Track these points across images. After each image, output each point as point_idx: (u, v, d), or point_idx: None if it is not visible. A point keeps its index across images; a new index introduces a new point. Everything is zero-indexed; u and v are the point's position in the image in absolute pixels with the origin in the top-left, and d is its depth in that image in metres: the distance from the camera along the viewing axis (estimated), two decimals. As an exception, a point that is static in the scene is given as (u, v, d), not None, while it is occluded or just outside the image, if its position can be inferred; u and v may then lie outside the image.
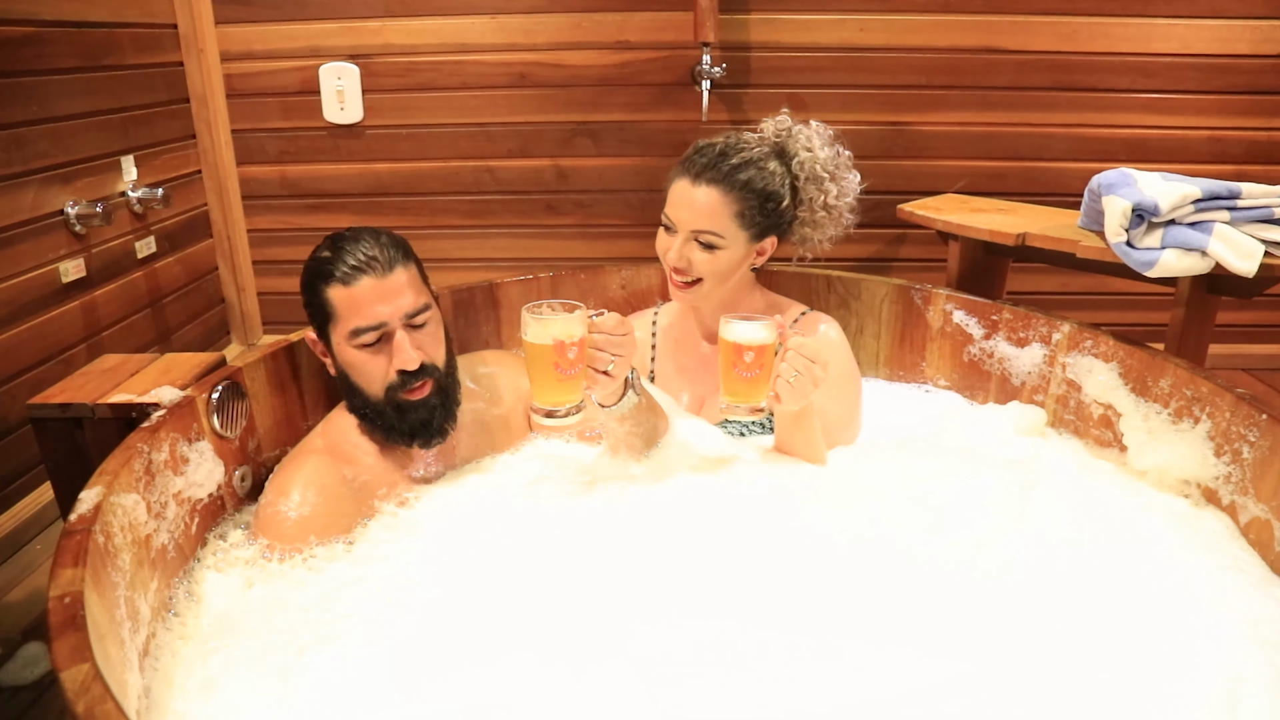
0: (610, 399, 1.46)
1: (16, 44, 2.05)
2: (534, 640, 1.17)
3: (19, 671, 1.59)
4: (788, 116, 1.76)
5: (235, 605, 1.29)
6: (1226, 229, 1.65)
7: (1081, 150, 2.81)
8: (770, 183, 1.64)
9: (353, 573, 1.35)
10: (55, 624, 0.93)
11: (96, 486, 1.19)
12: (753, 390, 1.47)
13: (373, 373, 1.45)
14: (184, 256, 2.78)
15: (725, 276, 1.66)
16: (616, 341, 1.38)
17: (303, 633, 1.20)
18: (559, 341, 1.33)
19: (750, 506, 1.44)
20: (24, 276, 2.06)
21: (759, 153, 1.65)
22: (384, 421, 1.49)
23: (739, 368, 1.45)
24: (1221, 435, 1.49)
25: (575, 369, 1.35)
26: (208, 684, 1.12)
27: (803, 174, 1.69)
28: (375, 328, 1.43)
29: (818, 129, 1.73)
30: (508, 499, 1.50)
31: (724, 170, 1.61)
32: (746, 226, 1.63)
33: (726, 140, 1.67)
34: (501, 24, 2.76)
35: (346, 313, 1.43)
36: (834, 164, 1.71)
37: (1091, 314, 2.29)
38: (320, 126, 2.87)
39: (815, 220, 1.73)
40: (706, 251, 1.63)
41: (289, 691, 1.09)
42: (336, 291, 1.43)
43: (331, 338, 1.47)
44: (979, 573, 1.30)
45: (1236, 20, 2.67)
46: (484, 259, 2.99)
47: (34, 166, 2.09)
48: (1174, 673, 1.11)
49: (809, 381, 1.44)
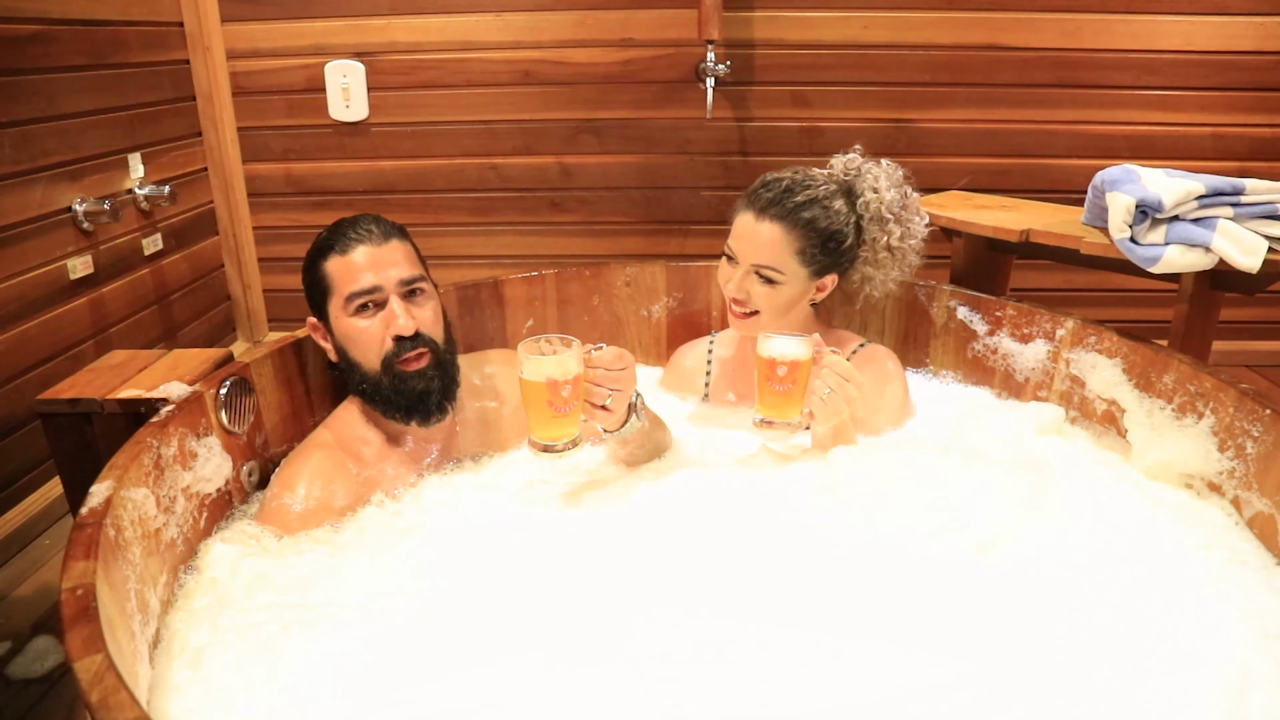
0: (613, 425, 1.47)
1: (25, 42, 2.06)
2: (531, 637, 1.17)
3: (29, 665, 1.61)
4: (858, 155, 1.75)
5: (230, 586, 1.30)
6: (1230, 225, 1.65)
7: (1085, 147, 2.81)
8: (834, 222, 1.64)
9: (335, 563, 1.35)
10: (68, 615, 0.94)
11: (107, 480, 1.20)
12: (786, 404, 1.51)
13: (368, 342, 1.47)
14: (190, 254, 2.79)
15: (783, 310, 1.68)
16: (614, 377, 1.39)
17: (287, 614, 1.21)
18: (552, 380, 1.34)
19: (750, 505, 1.45)
20: (32, 273, 2.08)
21: (824, 191, 1.65)
22: (381, 396, 1.49)
23: (773, 381, 1.50)
24: (1225, 430, 1.49)
25: (569, 406, 1.37)
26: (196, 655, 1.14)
27: (867, 214, 1.69)
28: (369, 291, 1.45)
29: (887, 168, 1.73)
30: (507, 496, 1.51)
31: (788, 207, 1.62)
32: (807, 264, 1.64)
33: (794, 176, 1.67)
34: (506, 22, 2.76)
35: (341, 281, 1.46)
36: (899, 205, 1.70)
37: (1095, 310, 2.29)
38: (325, 124, 2.88)
39: (877, 260, 1.72)
40: (766, 285, 1.64)
41: (275, 669, 1.11)
42: (333, 262, 1.47)
43: (329, 313, 1.49)
44: (981, 570, 1.29)
45: (1240, 17, 2.67)
46: (488, 256, 3.00)
47: (42, 164, 2.10)
48: (1180, 668, 1.11)
49: (842, 399, 1.48)
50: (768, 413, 1.53)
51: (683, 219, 2.98)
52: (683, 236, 3.00)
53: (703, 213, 2.96)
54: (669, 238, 3.00)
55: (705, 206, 2.96)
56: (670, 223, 2.99)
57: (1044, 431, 1.70)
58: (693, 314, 2.15)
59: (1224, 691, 1.07)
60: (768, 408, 1.53)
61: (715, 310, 2.14)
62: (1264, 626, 1.18)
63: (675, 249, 3.00)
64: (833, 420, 1.51)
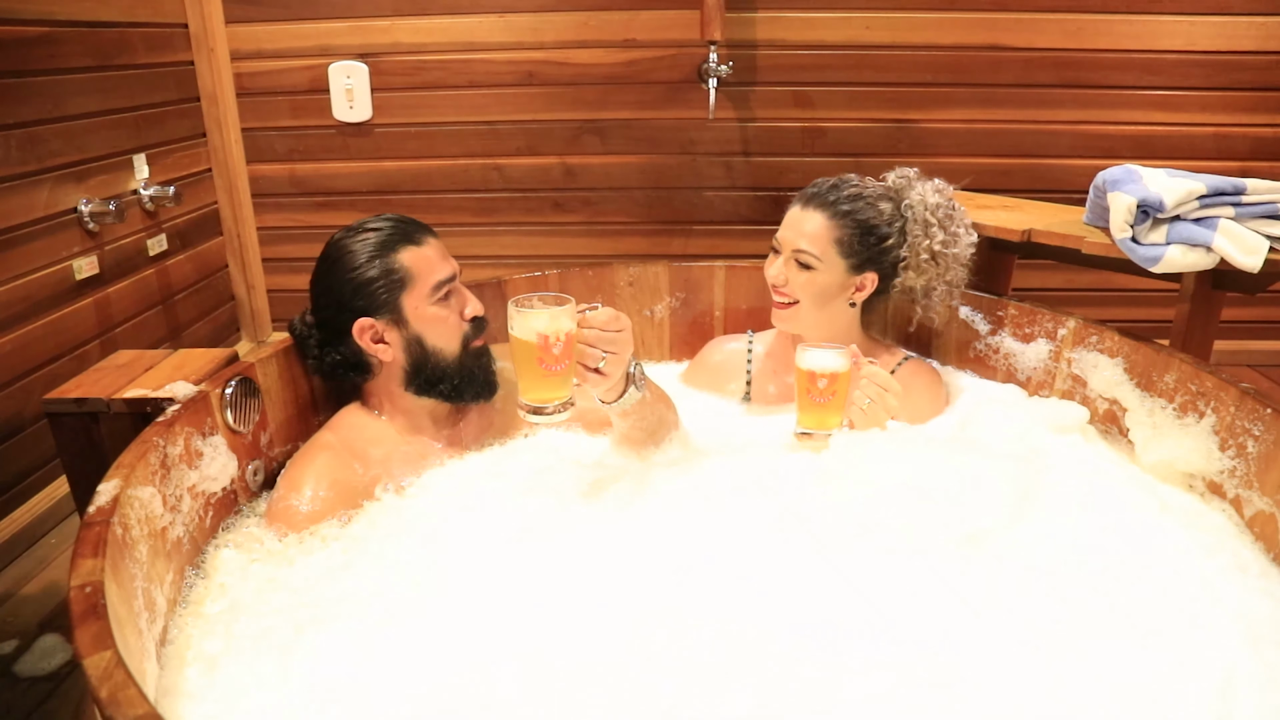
0: (610, 395, 1.42)
1: (31, 43, 2.07)
2: (530, 635, 1.17)
3: (36, 663, 1.62)
4: (911, 170, 1.80)
5: (240, 588, 1.31)
6: (1231, 225, 1.65)
7: (1086, 147, 2.82)
8: (875, 217, 1.70)
9: (345, 559, 1.36)
10: (77, 612, 0.95)
11: (114, 479, 1.20)
12: (825, 415, 1.54)
13: (453, 325, 1.55)
14: (195, 254, 2.80)
15: (821, 301, 1.70)
16: (609, 338, 1.34)
17: (300, 613, 1.22)
18: (542, 336, 1.29)
19: (750, 504, 1.44)
20: (39, 274, 2.09)
21: (872, 191, 1.72)
22: (460, 379, 1.55)
23: (812, 394, 1.53)
24: (1226, 430, 1.50)
25: (561, 365, 1.31)
26: (211, 662, 1.15)
27: (910, 215, 1.73)
28: (450, 278, 1.54)
29: (937, 184, 1.77)
30: (514, 484, 1.51)
31: (831, 199, 1.70)
32: (846, 255, 1.69)
33: (845, 176, 1.74)
34: (509, 23, 2.77)
35: (425, 270, 1.51)
36: (943, 213, 1.74)
37: (1096, 310, 2.29)
38: (329, 125, 2.89)
39: (919, 265, 1.73)
40: (804, 271, 1.69)
41: (290, 670, 1.11)
42: (409, 253, 1.51)
43: (405, 305, 1.51)
44: (977, 568, 1.29)
45: (1241, 17, 2.68)
46: (492, 256, 3.01)
47: (48, 165, 2.11)
48: (1171, 669, 1.11)
49: (882, 409, 1.53)
50: (809, 424, 1.56)
51: (685, 219, 2.99)
52: (685, 237, 3.00)
53: (705, 213, 2.97)
54: (671, 238, 3.01)
55: (708, 207, 2.96)
56: (673, 223, 3.00)
57: (1063, 430, 1.68)
58: (695, 314, 2.16)
59: (1213, 692, 1.07)
60: (809, 419, 1.56)
61: (718, 310, 2.15)
62: (1253, 630, 1.17)
63: (678, 249, 3.01)
64: (872, 429, 1.55)
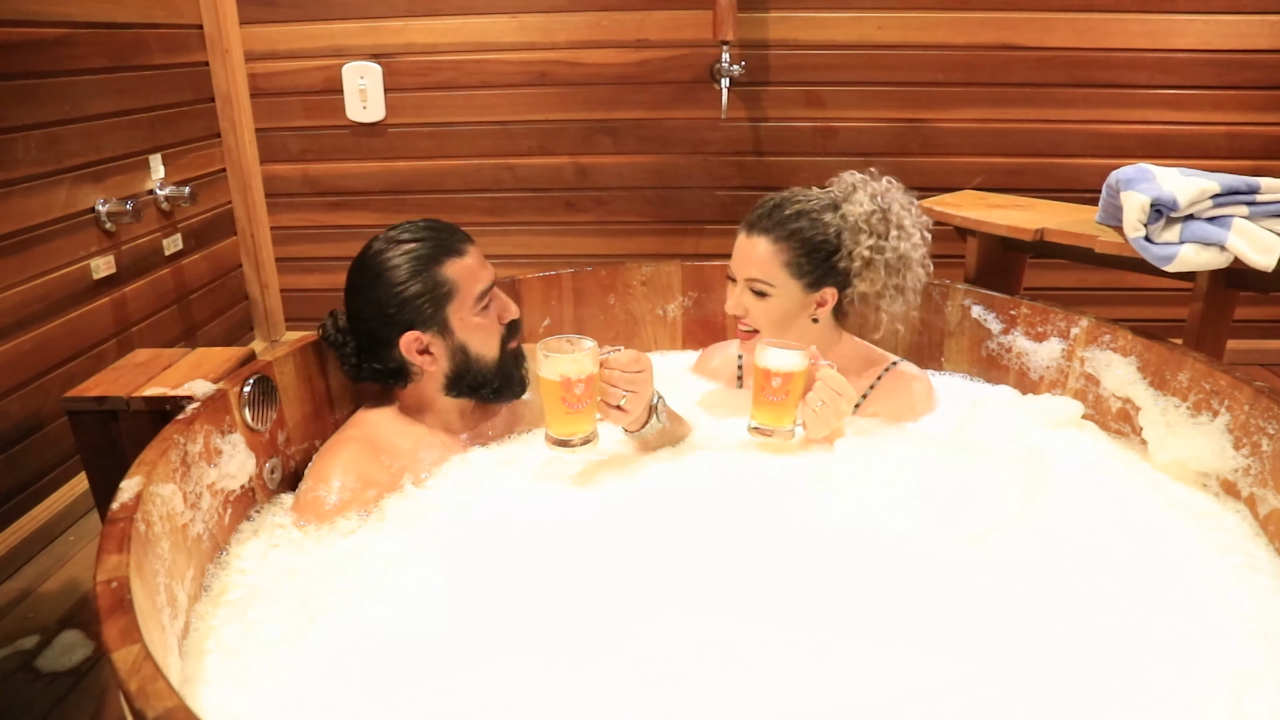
0: (633, 426, 1.51)
1: (49, 45, 2.09)
2: (529, 634, 1.17)
3: (56, 658, 1.64)
4: (857, 173, 1.73)
5: (259, 574, 1.33)
6: (1245, 223, 1.65)
7: (1099, 146, 2.81)
8: (821, 233, 1.65)
9: (363, 547, 1.37)
10: (104, 607, 0.96)
11: (136, 476, 1.22)
12: (778, 414, 1.55)
13: (494, 331, 1.56)
14: (209, 254, 2.82)
15: (781, 325, 1.68)
16: (629, 379, 1.43)
17: (312, 603, 1.23)
18: (565, 378, 1.39)
19: (750, 504, 1.46)
20: (57, 273, 2.11)
21: (815, 205, 1.67)
22: (500, 382, 1.58)
23: (767, 391, 1.53)
24: (1240, 428, 1.50)
25: (584, 404, 1.42)
26: (230, 649, 1.17)
27: (845, 225, 1.67)
28: (491, 285, 1.55)
29: (883, 185, 1.70)
30: (527, 473, 1.54)
31: (775, 220, 1.65)
32: (798, 276, 1.65)
33: (785, 194, 1.70)
34: (522, 23, 2.78)
35: (469, 281, 1.52)
36: (877, 218, 1.66)
37: (1109, 309, 2.29)
38: (343, 125, 2.90)
39: (860, 273, 1.67)
40: (759, 299, 1.66)
41: (305, 657, 1.13)
42: (454, 266, 1.51)
43: (451, 317, 1.52)
44: (981, 568, 1.29)
45: (1255, 15, 2.67)
46: (504, 255, 3.02)
47: (66, 165, 2.13)
48: (1182, 669, 1.10)
49: (833, 412, 1.52)
50: (762, 421, 1.57)
51: (697, 219, 3.00)
52: (698, 236, 3.01)
53: (717, 212, 2.98)
54: (684, 237, 3.01)
55: (720, 206, 2.97)
56: (685, 222, 3.00)
57: (1060, 425, 1.70)
58: (708, 313, 2.17)
59: (1225, 692, 1.07)
60: (762, 416, 1.57)
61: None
62: (1266, 630, 1.17)
63: (690, 248, 3.02)
64: (823, 432, 1.55)
